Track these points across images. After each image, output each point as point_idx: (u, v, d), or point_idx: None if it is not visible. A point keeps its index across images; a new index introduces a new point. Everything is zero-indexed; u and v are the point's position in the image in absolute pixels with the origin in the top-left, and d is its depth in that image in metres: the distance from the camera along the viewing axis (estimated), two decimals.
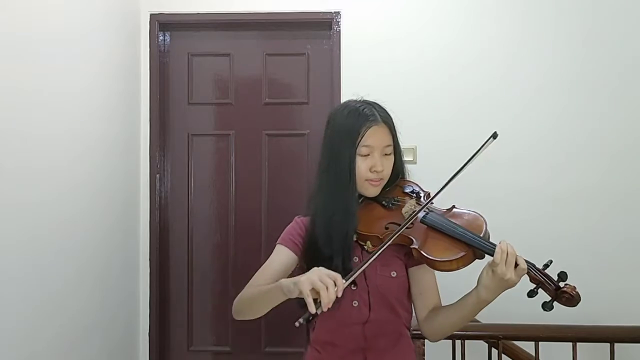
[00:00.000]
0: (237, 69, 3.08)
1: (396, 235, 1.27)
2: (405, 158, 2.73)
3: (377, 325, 1.41)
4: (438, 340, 1.45)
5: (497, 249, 1.20)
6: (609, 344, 2.14)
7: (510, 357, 2.35)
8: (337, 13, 2.95)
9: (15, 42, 1.86)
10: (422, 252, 1.26)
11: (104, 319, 2.57)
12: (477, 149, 1.32)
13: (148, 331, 3.01)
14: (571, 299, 1.21)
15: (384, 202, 1.41)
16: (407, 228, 1.30)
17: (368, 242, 1.35)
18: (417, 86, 2.89)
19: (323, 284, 1.10)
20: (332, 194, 1.40)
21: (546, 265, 1.27)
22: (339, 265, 1.33)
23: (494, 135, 1.33)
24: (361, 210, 1.40)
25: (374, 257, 1.23)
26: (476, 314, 1.32)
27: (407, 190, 1.43)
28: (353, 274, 1.19)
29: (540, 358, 2.17)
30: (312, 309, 1.11)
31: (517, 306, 2.79)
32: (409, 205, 1.38)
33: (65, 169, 2.20)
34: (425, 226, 1.31)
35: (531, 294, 1.23)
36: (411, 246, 1.29)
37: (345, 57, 2.93)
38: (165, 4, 2.99)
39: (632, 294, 2.79)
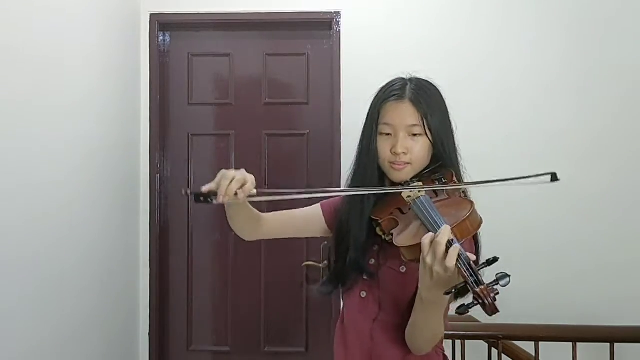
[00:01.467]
0: (237, 69, 3.08)
1: (357, 193, 1.21)
2: None
3: (385, 328, 1.28)
4: (418, 354, 1.26)
5: (424, 239, 1.04)
6: (609, 344, 2.14)
7: (510, 357, 2.35)
8: (337, 13, 2.95)
9: (15, 42, 1.86)
10: (394, 237, 1.17)
11: (104, 318, 2.57)
12: (525, 177, 1.15)
13: (148, 331, 3.01)
14: (483, 305, 0.98)
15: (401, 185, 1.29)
16: (402, 212, 1.21)
17: (378, 229, 1.26)
18: None
19: (229, 176, 1.08)
20: (355, 175, 1.33)
21: (487, 262, 1.04)
22: (352, 255, 1.27)
23: (554, 177, 1.15)
24: (386, 196, 1.29)
25: (303, 194, 1.17)
26: (434, 321, 1.17)
27: (435, 177, 1.28)
28: (271, 193, 1.12)
29: (540, 358, 2.17)
30: (205, 188, 1.07)
31: (517, 306, 2.81)
32: (410, 190, 1.25)
33: (65, 169, 2.20)
34: (414, 213, 1.19)
35: (448, 291, 1.02)
36: (391, 231, 1.21)
37: (345, 57, 2.93)
38: (165, 4, 2.99)
39: (632, 294, 2.79)
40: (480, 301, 0.98)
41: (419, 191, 1.22)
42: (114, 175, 2.68)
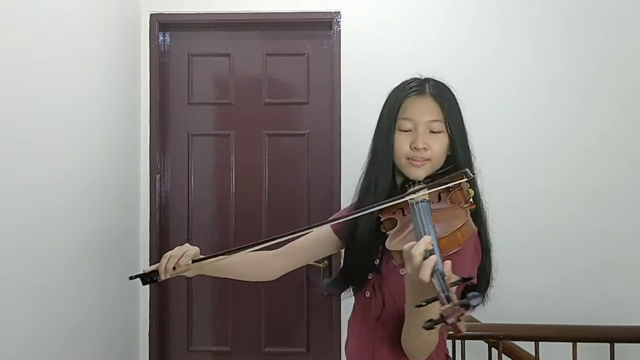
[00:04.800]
0: (237, 69, 3.08)
1: (361, 214, 1.19)
2: None
3: (387, 327, 1.28)
4: None
5: (405, 247, 1.03)
6: (609, 344, 2.14)
7: (510, 357, 2.35)
8: (337, 13, 2.95)
9: (15, 42, 1.86)
10: (387, 240, 1.16)
11: (104, 318, 2.57)
12: (446, 182, 1.19)
13: (148, 331, 3.01)
14: (446, 324, 0.90)
15: (406, 186, 1.27)
16: (404, 215, 1.19)
17: (381, 226, 1.24)
18: None
19: (167, 256, 1.24)
20: (369, 172, 1.30)
21: (463, 279, 0.97)
22: (359, 253, 1.27)
23: (466, 175, 1.20)
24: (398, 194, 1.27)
25: (292, 234, 1.21)
26: (420, 332, 1.09)
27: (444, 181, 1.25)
28: (207, 257, 1.24)
29: (540, 358, 2.17)
30: (148, 268, 1.24)
31: (517, 306, 2.81)
32: (414, 190, 1.22)
33: (65, 169, 2.20)
34: (412, 217, 1.18)
35: (420, 304, 0.96)
36: (388, 232, 1.20)
37: (345, 57, 2.93)
38: (165, 4, 2.99)
39: (632, 294, 2.79)
40: (443, 317, 0.90)
41: (423, 194, 1.18)
42: (114, 175, 2.68)
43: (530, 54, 2.89)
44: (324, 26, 2.99)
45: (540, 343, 2.16)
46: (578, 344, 2.14)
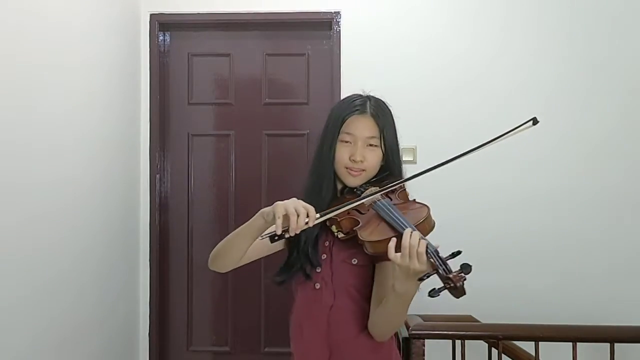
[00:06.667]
0: (237, 69, 3.08)
1: (340, 210, 1.32)
2: (405, 158, 2.79)
3: (340, 313, 1.43)
4: (380, 340, 1.40)
5: (404, 232, 1.17)
6: (609, 344, 2.14)
7: (510, 357, 2.35)
8: (337, 13, 2.95)
9: (14, 42, 1.86)
10: (358, 232, 1.31)
11: (104, 318, 2.57)
12: (510, 130, 1.34)
13: (148, 331, 3.01)
14: (454, 288, 1.11)
15: (355, 190, 1.45)
16: (360, 212, 1.35)
17: (333, 226, 1.39)
18: (417, 86, 2.89)
19: (296, 211, 1.19)
20: (312, 177, 1.47)
21: (452, 255, 1.16)
22: (302, 247, 1.40)
23: (534, 121, 1.37)
24: (339, 198, 1.45)
25: (328, 215, 1.29)
26: (403, 309, 1.28)
27: (384, 184, 1.43)
28: (326, 213, 1.25)
29: (540, 358, 2.17)
30: (278, 229, 1.17)
31: (517, 306, 2.81)
32: (369, 192, 1.41)
33: (65, 169, 2.20)
34: (374, 212, 1.35)
35: (421, 278, 1.16)
36: (354, 228, 1.34)
37: (345, 57, 2.93)
38: (165, 4, 3.00)
39: (632, 295, 2.79)
40: (451, 284, 1.10)
41: (375, 195, 1.37)
42: (114, 175, 2.68)
43: (534, 55, 2.88)
44: (324, 26, 2.99)
45: (540, 343, 2.16)
46: (578, 344, 2.14)
